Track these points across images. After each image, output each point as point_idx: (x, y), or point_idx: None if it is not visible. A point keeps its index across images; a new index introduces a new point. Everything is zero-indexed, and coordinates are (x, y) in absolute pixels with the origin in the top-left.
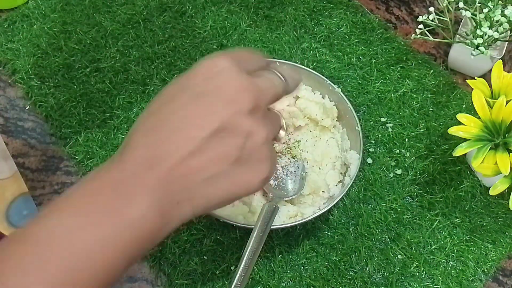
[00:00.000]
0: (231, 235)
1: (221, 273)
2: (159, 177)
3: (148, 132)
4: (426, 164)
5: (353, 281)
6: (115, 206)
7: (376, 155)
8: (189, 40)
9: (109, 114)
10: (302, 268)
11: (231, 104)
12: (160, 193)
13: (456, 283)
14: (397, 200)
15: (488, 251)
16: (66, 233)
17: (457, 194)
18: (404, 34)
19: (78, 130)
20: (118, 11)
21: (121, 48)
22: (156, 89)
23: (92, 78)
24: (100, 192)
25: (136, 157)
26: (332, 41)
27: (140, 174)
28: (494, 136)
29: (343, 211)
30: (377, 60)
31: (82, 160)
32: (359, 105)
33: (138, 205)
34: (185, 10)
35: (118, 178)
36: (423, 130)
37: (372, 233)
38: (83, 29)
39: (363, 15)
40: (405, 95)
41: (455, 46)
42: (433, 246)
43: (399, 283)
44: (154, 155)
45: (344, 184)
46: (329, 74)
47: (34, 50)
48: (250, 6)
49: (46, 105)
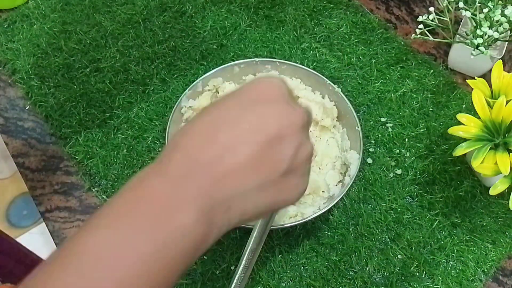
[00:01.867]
0: (231, 235)
1: (221, 273)
2: (212, 181)
3: (195, 135)
4: (426, 164)
5: (353, 281)
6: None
7: (376, 155)
8: (189, 40)
9: (109, 114)
10: (302, 268)
11: (287, 116)
12: (211, 197)
13: (456, 283)
14: (397, 200)
15: (488, 251)
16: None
17: (457, 194)
18: (404, 34)
19: (78, 130)
20: (118, 11)
21: (121, 48)
22: (156, 89)
23: (92, 78)
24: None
25: (182, 160)
26: (332, 41)
27: (190, 178)
28: (494, 136)
29: (343, 211)
30: (377, 60)
31: (82, 160)
32: (359, 105)
33: (188, 212)
34: (185, 10)
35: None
36: (423, 130)
37: (372, 233)
38: (83, 29)
39: (363, 15)
40: (405, 95)
41: (455, 46)
42: (433, 246)
43: (399, 283)
44: (206, 158)
45: (344, 184)
46: (329, 74)
47: (34, 50)
48: (250, 6)
49: (46, 105)
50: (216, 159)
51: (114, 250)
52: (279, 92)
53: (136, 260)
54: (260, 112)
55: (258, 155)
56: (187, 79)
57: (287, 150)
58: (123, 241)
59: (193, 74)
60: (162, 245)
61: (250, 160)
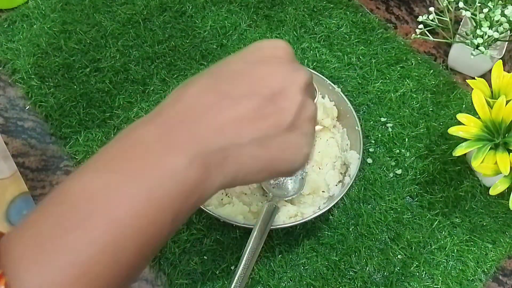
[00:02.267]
0: (231, 235)
1: (221, 273)
2: (207, 128)
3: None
4: (426, 164)
5: (353, 281)
6: (157, 157)
7: (376, 155)
8: (189, 40)
9: (109, 114)
10: (302, 268)
11: (290, 75)
12: (206, 143)
13: (456, 283)
14: (397, 200)
15: (488, 251)
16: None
17: (457, 194)
18: (404, 34)
19: (78, 130)
20: (118, 11)
21: (121, 48)
22: (156, 89)
23: (92, 78)
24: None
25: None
26: (332, 41)
27: (184, 123)
28: (494, 136)
29: (343, 211)
30: (377, 60)
31: (82, 160)
32: (359, 105)
33: (178, 156)
34: (185, 10)
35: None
36: (423, 130)
37: (372, 233)
38: (83, 29)
39: (363, 15)
40: (405, 95)
41: (455, 46)
42: (433, 246)
43: (399, 283)
44: (202, 106)
45: (344, 184)
46: (329, 74)
47: (34, 50)
48: (250, 6)
49: (46, 105)
50: (214, 108)
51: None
52: (283, 51)
53: (125, 201)
54: (264, 68)
55: (259, 108)
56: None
57: (290, 106)
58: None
59: (193, 74)
60: (151, 188)
61: (250, 112)
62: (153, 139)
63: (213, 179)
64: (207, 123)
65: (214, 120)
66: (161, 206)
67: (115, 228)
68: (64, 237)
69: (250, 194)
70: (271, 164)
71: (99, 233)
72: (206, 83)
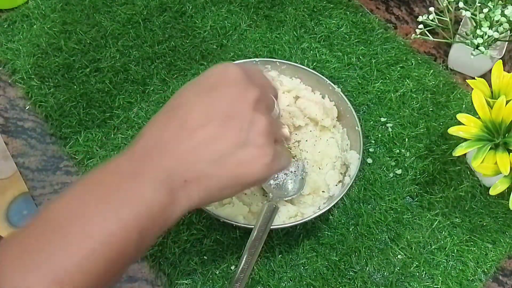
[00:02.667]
0: (231, 235)
1: (221, 273)
2: (170, 158)
3: (158, 122)
4: (426, 164)
5: (353, 281)
6: (128, 184)
7: (376, 155)
8: (189, 40)
9: (109, 114)
10: (302, 268)
11: (238, 96)
12: (168, 171)
13: (456, 283)
14: (397, 200)
15: (488, 251)
16: (85, 209)
17: (457, 194)
18: (404, 34)
19: (78, 130)
20: (118, 11)
21: (121, 48)
22: (156, 89)
23: (92, 78)
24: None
25: (146, 142)
26: (332, 41)
27: (150, 155)
28: (494, 136)
29: (343, 211)
30: (377, 60)
31: (82, 160)
32: (359, 105)
33: (144, 182)
34: (185, 10)
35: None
36: (423, 130)
37: (372, 233)
38: (83, 29)
39: (363, 15)
40: (405, 95)
41: (455, 46)
42: (433, 246)
43: (399, 283)
44: (162, 138)
45: (344, 184)
46: (329, 74)
47: (34, 50)
48: (250, 6)
49: (46, 105)
50: (172, 141)
51: (81, 211)
52: (232, 75)
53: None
54: (213, 94)
55: (214, 132)
56: (187, 79)
57: (240, 124)
58: (91, 205)
59: (193, 74)
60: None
61: (206, 138)
62: (126, 169)
63: (179, 202)
64: (169, 155)
65: (174, 151)
66: (129, 226)
67: (88, 244)
68: (46, 250)
69: (250, 194)
70: (233, 180)
71: (76, 249)
72: (163, 121)
